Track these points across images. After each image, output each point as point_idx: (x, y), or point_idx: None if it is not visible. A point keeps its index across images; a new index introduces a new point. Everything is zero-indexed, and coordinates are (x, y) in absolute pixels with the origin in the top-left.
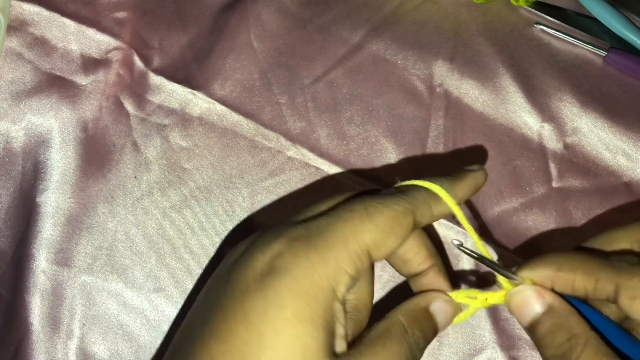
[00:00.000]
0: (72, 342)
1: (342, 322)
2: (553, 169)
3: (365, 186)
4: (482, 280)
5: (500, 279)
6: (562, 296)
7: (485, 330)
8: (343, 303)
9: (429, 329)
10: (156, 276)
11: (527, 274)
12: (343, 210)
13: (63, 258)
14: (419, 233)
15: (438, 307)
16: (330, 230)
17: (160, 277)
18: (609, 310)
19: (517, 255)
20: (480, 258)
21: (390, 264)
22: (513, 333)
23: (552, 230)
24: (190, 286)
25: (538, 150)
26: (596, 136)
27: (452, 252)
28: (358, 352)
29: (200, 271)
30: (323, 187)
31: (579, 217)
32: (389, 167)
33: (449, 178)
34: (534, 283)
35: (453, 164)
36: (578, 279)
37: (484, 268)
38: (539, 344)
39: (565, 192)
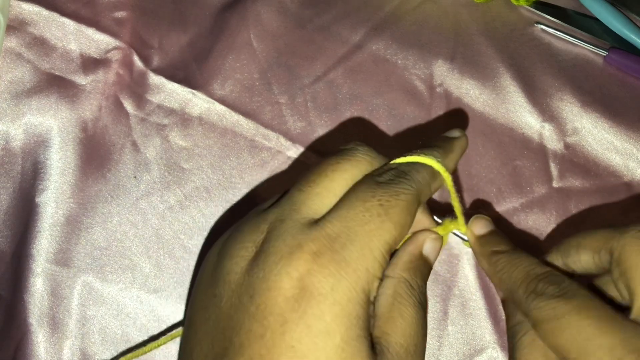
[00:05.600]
0: (72, 343)
1: (372, 315)
2: (553, 169)
3: None
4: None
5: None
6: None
7: (486, 331)
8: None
9: (427, 271)
10: (156, 276)
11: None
12: (357, 210)
13: (62, 258)
14: None
15: (429, 247)
16: (353, 237)
17: (160, 278)
18: None
19: None
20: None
21: None
22: None
23: (552, 231)
24: (190, 286)
25: (538, 150)
26: (597, 136)
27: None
28: (382, 331)
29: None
30: None
31: (580, 217)
32: None
33: (439, 150)
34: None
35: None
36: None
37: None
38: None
39: (565, 192)
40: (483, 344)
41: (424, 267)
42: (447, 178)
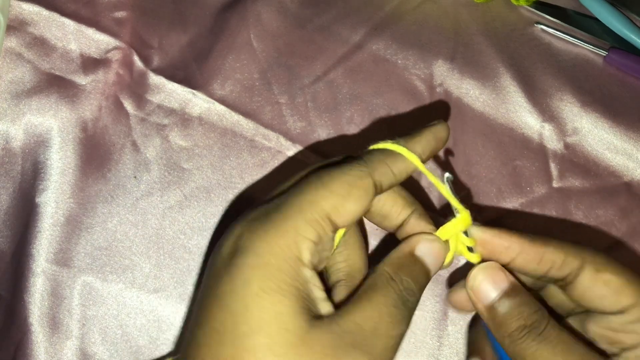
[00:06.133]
0: (72, 343)
1: (319, 286)
2: (553, 169)
3: None
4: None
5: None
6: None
7: None
8: (314, 268)
9: (420, 273)
10: (156, 276)
11: (499, 238)
12: (299, 184)
13: (62, 258)
14: None
15: (423, 248)
16: (287, 203)
17: (160, 278)
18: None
19: None
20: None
21: (373, 223)
22: None
23: (552, 231)
24: (190, 286)
25: (538, 150)
26: (597, 136)
27: (433, 194)
28: (344, 310)
29: (200, 271)
30: None
31: (580, 217)
32: None
33: (406, 137)
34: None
35: (455, 162)
36: (549, 251)
37: None
38: (496, 324)
39: (565, 192)
40: None
41: (414, 266)
42: (414, 159)
